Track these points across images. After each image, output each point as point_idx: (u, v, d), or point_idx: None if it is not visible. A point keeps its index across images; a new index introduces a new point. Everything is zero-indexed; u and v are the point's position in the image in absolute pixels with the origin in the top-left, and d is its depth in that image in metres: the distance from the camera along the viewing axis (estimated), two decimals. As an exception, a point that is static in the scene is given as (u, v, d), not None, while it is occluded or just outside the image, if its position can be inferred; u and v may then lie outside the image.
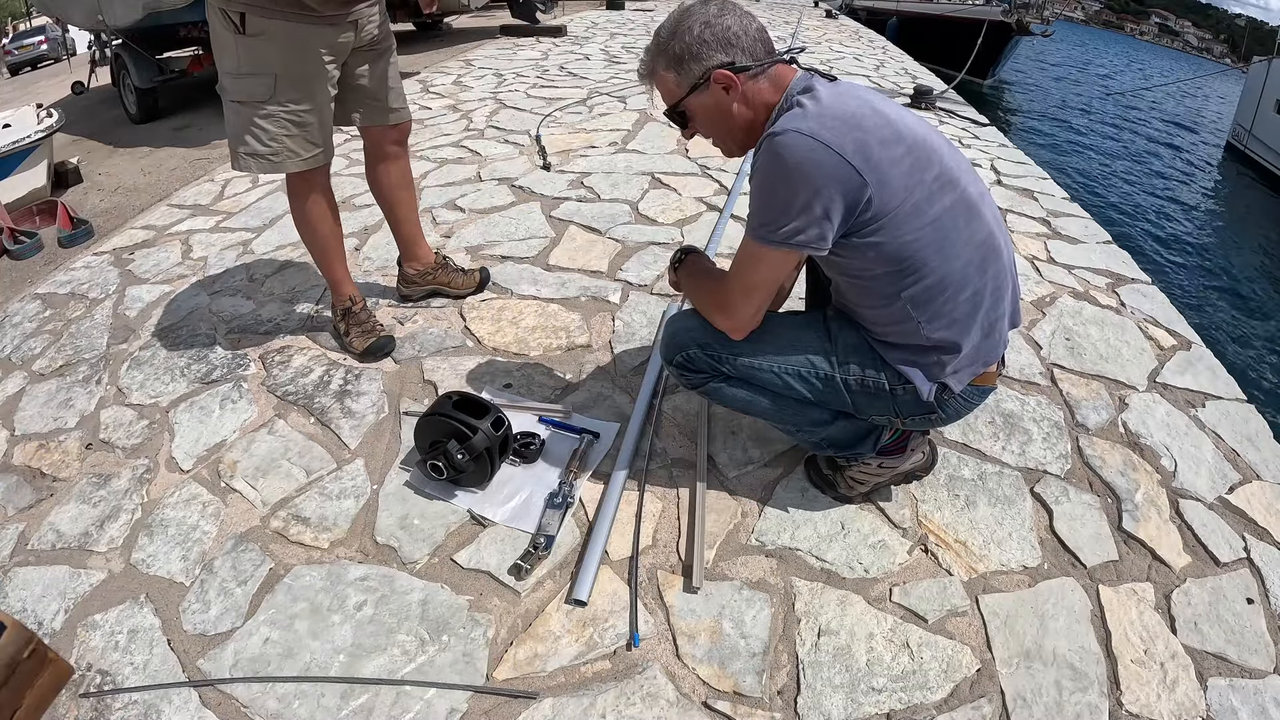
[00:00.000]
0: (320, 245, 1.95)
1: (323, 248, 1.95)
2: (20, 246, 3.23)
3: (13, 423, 1.83)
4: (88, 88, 7.58)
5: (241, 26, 1.57)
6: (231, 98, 1.67)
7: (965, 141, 4.27)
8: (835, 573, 1.36)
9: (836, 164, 1.05)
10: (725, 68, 1.14)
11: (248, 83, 1.64)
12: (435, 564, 1.38)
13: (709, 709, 1.13)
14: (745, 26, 1.16)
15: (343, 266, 2.02)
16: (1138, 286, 2.49)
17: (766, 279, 1.20)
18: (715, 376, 1.34)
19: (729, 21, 1.15)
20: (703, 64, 1.16)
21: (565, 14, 10.49)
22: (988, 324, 1.22)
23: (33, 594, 1.34)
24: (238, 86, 1.65)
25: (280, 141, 1.69)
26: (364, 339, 1.97)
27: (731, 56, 1.15)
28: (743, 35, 1.15)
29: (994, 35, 13.09)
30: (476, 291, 2.29)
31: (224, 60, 1.65)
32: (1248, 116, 12.73)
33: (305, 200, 1.85)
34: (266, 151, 1.69)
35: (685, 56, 1.16)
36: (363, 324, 2.00)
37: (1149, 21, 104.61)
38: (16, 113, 4.43)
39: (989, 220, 1.19)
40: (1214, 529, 1.49)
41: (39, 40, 16.02)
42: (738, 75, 1.15)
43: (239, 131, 1.69)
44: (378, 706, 1.13)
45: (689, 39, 1.15)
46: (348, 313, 2.02)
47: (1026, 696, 1.16)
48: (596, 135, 4.01)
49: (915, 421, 1.32)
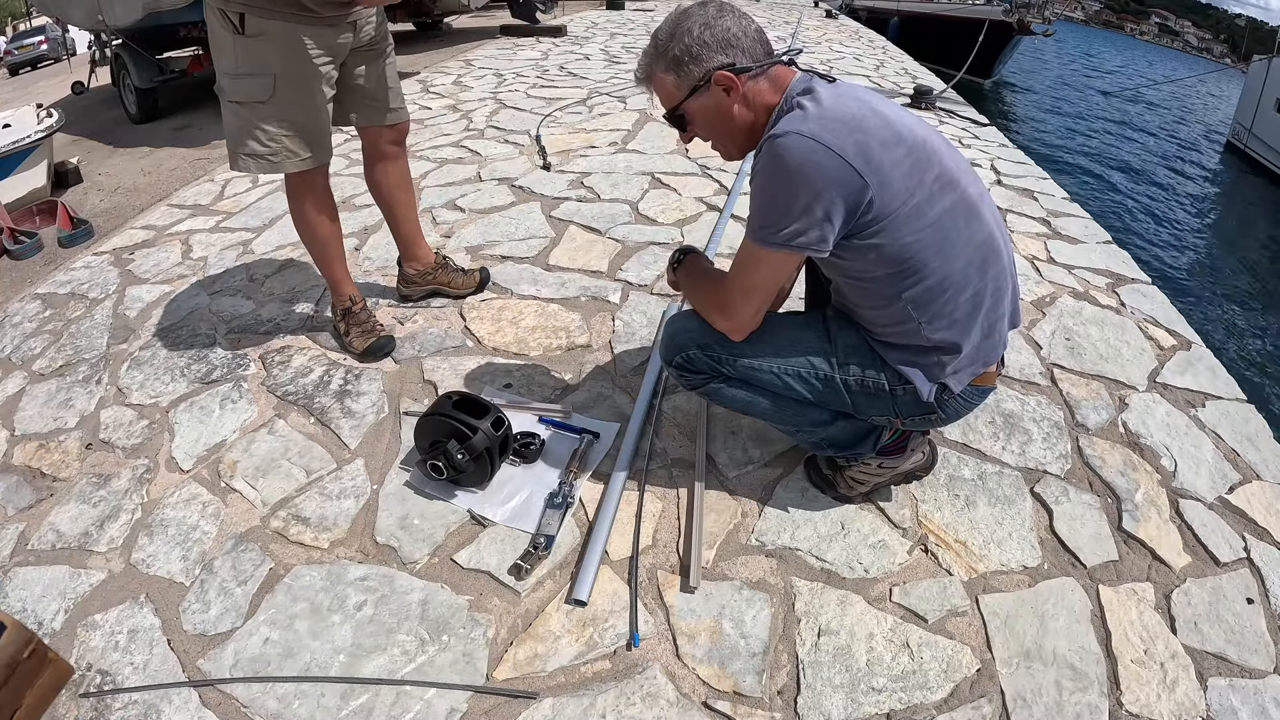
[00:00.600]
0: (320, 246, 1.94)
1: (322, 248, 1.95)
2: (20, 246, 3.23)
3: (13, 423, 1.83)
4: (88, 88, 7.58)
5: (240, 27, 1.57)
6: (230, 98, 1.67)
7: (965, 141, 4.27)
8: (835, 573, 1.36)
9: (838, 166, 1.05)
10: (726, 69, 1.14)
11: (246, 83, 1.64)
12: (435, 564, 1.38)
13: (709, 709, 1.13)
14: (744, 27, 1.16)
15: (342, 267, 2.01)
16: (1138, 286, 2.49)
17: (767, 280, 1.20)
18: (715, 377, 1.34)
19: (728, 23, 1.15)
20: (703, 65, 1.15)
21: (565, 14, 10.48)
22: (988, 324, 1.22)
23: (33, 594, 1.34)
24: (236, 87, 1.65)
25: (279, 142, 1.69)
26: (364, 339, 1.97)
27: (732, 58, 1.14)
28: (742, 36, 1.15)
29: (995, 35, 13.09)
30: (476, 291, 2.29)
31: (222, 61, 1.65)
32: (1248, 115, 12.74)
33: (304, 201, 1.85)
34: (265, 152, 1.69)
35: (685, 58, 1.16)
36: (362, 324, 2.00)
37: (1149, 21, 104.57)
38: (16, 113, 4.43)
39: (989, 221, 1.19)
40: (1214, 529, 1.49)
41: (39, 40, 16.00)
42: (738, 76, 1.14)
43: (238, 132, 1.69)
44: (378, 706, 1.13)
45: (688, 40, 1.15)
46: (348, 313, 2.02)
47: (1026, 696, 1.16)
48: (596, 135, 4.01)
49: (915, 422, 1.32)
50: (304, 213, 1.87)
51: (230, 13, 1.56)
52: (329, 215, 1.91)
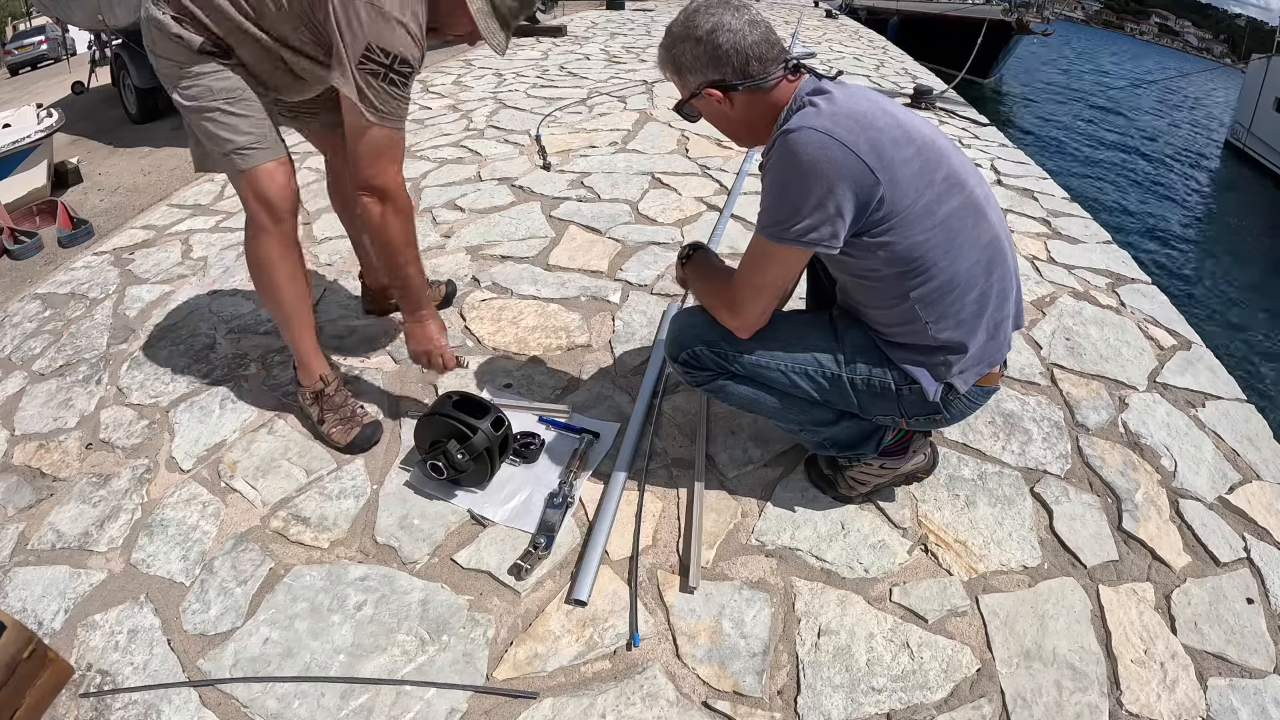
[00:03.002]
0: (286, 309, 1.59)
1: (289, 312, 1.59)
2: (20, 246, 3.23)
3: (13, 423, 1.83)
4: (88, 88, 7.59)
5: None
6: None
7: (965, 141, 4.27)
8: (835, 573, 1.36)
9: (851, 161, 1.05)
10: (714, 86, 1.17)
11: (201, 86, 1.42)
12: (435, 564, 1.38)
13: (709, 709, 1.13)
14: (738, 42, 1.13)
15: (312, 338, 1.66)
16: (1138, 286, 2.49)
17: (777, 277, 1.20)
18: (720, 374, 1.34)
19: (721, 39, 1.13)
20: (693, 78, 1.19)
21: (565, 14, 10.49)
22: (993, 325, 1.22)
23: (33, 594, 1.34)
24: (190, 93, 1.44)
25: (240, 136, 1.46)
26: (345, 431, 1.65)
27: (721, 74, 1.16)
28: (733, 54, 1.13)
29: (994, 35, 13.10)
30: (442, 306, 2.19)
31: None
32: (1247, 115, 12.75)
33: (268, 245, 1.51)
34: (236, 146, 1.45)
35: (681, 68, 1.20)
36: (339, 409, 1.67)
37: (1149, 21, 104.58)
38: (16, 113, 4.43)
39: (995, 222, 1.20)
40: (1214, 529, 1.49)
41: (39, 40, 16.02)
42: (725, 94, 1.17)
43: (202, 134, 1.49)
44: (378, 706, 1.13)
45: (679, 52, 1.18)
46: (320, 395, 1.68)
47: (1026, 696, 1.16)
48: (596, 135, 4.01)
49: (920, 422, 1.32)
50: (266, 266, 1.53)
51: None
52: (298, 270, 1.58)
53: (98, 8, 5.25)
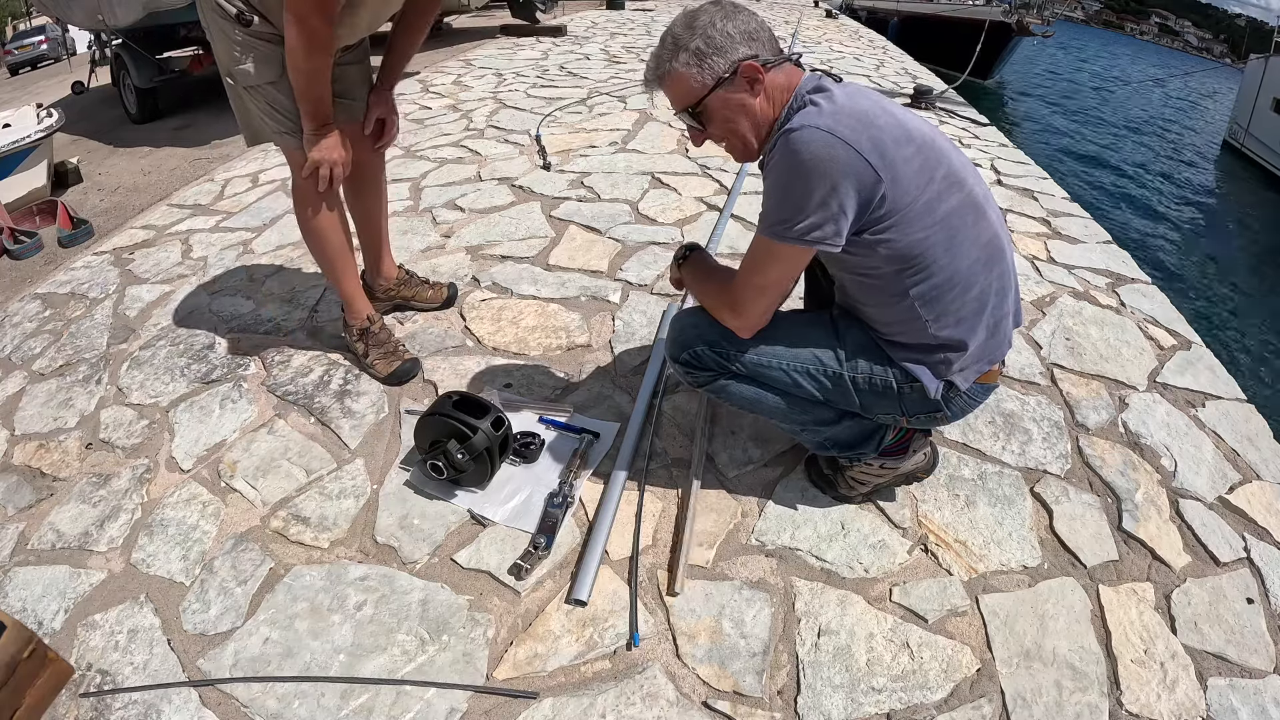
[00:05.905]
0: (330, 258, 1.81)
1: (332, 261, 1.81)
2: (20, 246, 3.23)
3: (13, 423, 1.83)
4: (88, 88, 7.58)
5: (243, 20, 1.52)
6: (242, 84, 1.58)
7: (965, 141, 4.27)
8: (835, 572, 1.36)
9: (853, 159, 1.06)
10: (751, 60, 1.14)
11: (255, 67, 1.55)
12: (435, 564, 1.38)
13: (709, 709, 1.13)
14: (761, 23, 1.17)
15: (356, 281, 1.89)
16: (1138, 286, 2.49)
17: (780, 277, 1.20)
18: (722, 374, 1.34)
19: (745, 17, 1.16)
20: (728, 57, 1.14)
21: (565, 14, 10.48)
22: (993, 322, 1.22)
23: (33, 594, 1.34)
24: (243, 73, 1.56)
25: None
26: (388, 363, 1.86)
27: (755, 50, 1.15)
28: (760, 30, 1.16)
29: (995, 35, 13.10)
30: (444, 307, 2.22)
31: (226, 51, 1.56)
32: (1245, 115, 12.74)
33: (315, 207, 1.73)
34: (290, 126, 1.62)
35: (708, 50, 1.14)
36: (383, 345, 1.89)
37: (1149, 21, 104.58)
38: (16, 113, 4.43)
39: (994, 221, 1.20)
40: (1214, 529, 1.49)
41: (39, 40, 16.00)
42: (764, 68, 1.14)
43: (256, 114, 1.62)
44: (378, 706, 1.13)
45: (712, 33, 1.14)
46: (366, 333, 1.89)
47: (1026, 696, 1.16)
48: (596, 135, 4.01)
49: (921, 420, 1.32)
50: (313, 221, 1.75)
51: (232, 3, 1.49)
52: (341, 224, 1.80)
53: (98, 8, 5.24)
